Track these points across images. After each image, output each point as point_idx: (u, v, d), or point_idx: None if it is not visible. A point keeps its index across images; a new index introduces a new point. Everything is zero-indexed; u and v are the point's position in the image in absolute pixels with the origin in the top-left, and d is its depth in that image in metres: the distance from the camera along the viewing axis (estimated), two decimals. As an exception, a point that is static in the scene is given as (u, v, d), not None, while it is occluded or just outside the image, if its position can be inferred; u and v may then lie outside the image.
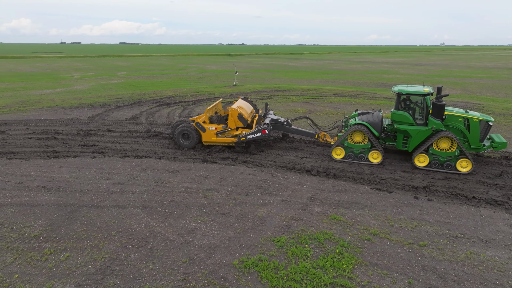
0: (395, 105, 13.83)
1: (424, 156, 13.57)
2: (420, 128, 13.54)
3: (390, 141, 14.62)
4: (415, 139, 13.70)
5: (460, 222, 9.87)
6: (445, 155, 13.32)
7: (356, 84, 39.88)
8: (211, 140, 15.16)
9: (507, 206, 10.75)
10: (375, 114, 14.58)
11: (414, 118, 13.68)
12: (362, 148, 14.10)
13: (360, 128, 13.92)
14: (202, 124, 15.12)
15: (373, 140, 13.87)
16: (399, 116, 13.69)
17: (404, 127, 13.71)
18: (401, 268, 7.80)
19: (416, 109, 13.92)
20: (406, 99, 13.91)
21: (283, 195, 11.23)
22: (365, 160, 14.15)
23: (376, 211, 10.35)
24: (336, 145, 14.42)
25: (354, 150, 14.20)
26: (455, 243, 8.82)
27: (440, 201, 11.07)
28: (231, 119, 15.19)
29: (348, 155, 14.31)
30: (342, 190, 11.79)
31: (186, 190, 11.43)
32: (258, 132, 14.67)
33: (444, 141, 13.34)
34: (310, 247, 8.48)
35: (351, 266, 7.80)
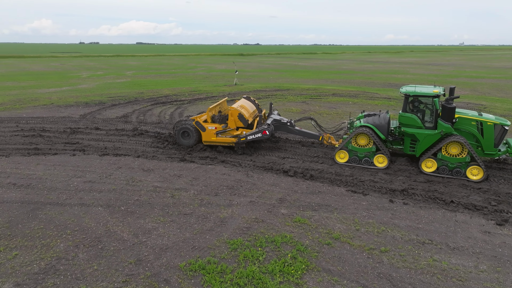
0: (402, 107, 13.05)
1: (432, 161, 12.78)
2: (429, 132, 12.73)
3: (397, 144, 13.92)
4: (423, 143, 12.91)
5: (432, 227, 9.40)
6: (454, 161, 12.45)
7: (362, 84, 39.17)
8: (210, 139, 14.77)
9: (485, 212, 10.21)
10: (382, 116, 13.81)
11: (423, 121, 12.88)
12: (367, 151, 13.37)
13: (365, 131, 13.23)
14: (202, 123, 14.74)
15: (379, 143, 13.15)
16: (407, 118, 12.93)
17: (412, 131, 12.93)
18: (354, 275, 7.43)
19: (425, 111, 13.13)
20: (414, 101, 13.10)
21: (252, 196, 10.95)
22: (370, 164, 13.41)
23: (345, 214, 9.97)
24: (340, 149, 13.76)
25: (359, 154, 13.50)
26: (420, 249, 8.38)
27: (415, 205, 10.61)
28: (231, 119, 14.76)
29: (352, 159, 13.62)
30: (315, 192, 11.43)
31: (154, 190, 11.26)
32: (258, 132, 14.20)
33: (453, 146, 12.46)
34: (264, 251, 8.18)
35: (301, 271, 7.48)
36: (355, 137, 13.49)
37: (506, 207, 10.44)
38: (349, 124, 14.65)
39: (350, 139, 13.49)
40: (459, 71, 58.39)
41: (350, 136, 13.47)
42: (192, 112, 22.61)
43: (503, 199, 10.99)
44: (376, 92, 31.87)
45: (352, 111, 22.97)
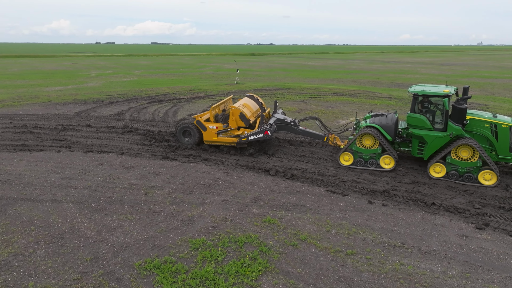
0: (411, 107, 12.41)
1: (440, 166, 12.08)
2: (437, 134, 12.04)
3: (405, 146, 13.22)
4: (431, 146, 12.22)
5: (407, 230, 9.03)
6: (464, 165, 11.72)
7: (368, 84, 38.51)
8: (211, 139, 14.47)
9: (467, 215, 9.77)
10: (389, 116, 13.15)
11: (432, 122, 12.21)
12: (373, 153, 12.82)
13: (371, 131, 12.63)
14: (203, 122, 14.43)
15: (385, 144, 12.58)
16: (415, 119, 12.26)
17: (420, 132, 12.27)
18: (313, 278, 7.14)
19: (435, 112, 12.45)
20: (424, 101, 12.41)
21: (227, 195, 10.74)
22: (376, 166, 12.86)
23: (318, 215, 9.66)
24: (344, 150, 13.18)
25: (364, 155, 12.94)
26: (389, 253, 8.03)
27: (395, 207, 10.23)
28: (232, 118, 14.27)
29: (357, 161, 13.06)
30: (293, 191, 11.15)
31: (130, 187, 11.16)
32: (260, 133, 13.77)
33: (464, 150, 11.75)
34: (225, 251, 7.96)
35: (258, 273, 7.22)
36: (360, 138, 12.93)
37: (490, 211, 9.97)
38: (355, 124, 14.08)
39: (354, 140, 12.95)
40: (472, 71, 56.99)
41: (354, 137, 12.91)
42: (187, 110, 22.53)
43: (489, 202, 10.52)
44: (378, 91, 31.28)
45: (350, 111, 22.54)
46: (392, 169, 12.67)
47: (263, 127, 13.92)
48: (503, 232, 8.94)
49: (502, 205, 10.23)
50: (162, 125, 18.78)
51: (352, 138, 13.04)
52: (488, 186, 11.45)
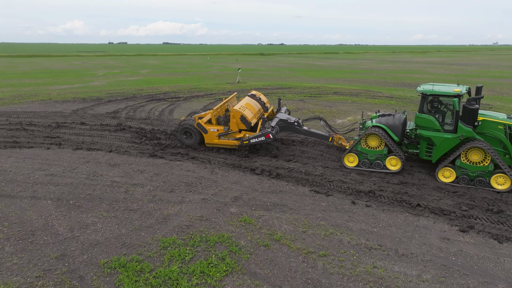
0: (419, 107, 11.78)
1: (450, 170, 11.42)
2: (447, 136, 11.38)
3: (413, 148, 12.68)
4: (440, 148, 11.55)
5: (387, 232, 8.74)
6: (475, 169, 11.06)
7: (373, 84, 37.97)
8: (213, 142, 14.17)
9: (452, 217, 9.43)
10: (396, 116, 12.61)
11: (442, 123, 11.58)
12: (378, 154, 12.29)
13: (376, 131, 12.10)
14: (204, 125, 14.08)
15: (391, 145, 12.03)
16: (423, 120, 11.63)
17: (428, 133, 11.63)
18: (279, 280, 6.93)
19: (446, 112, 11.86)
20: (434, 101, 11.77)
21: (207, 194, 10.58)
22: (382, 167, 12.33)
23: (298, 215, 9.44)
24: (349, 152, 12.66)
25: (369, 156, 12.41)
26: (363, 255, 7.77)
27: (378, 208, 9.94)
28: (233, 121, 13.80)
29: (362, 162, 12.53)
30: (277, 191, 10.94)
31: (111, 184, 11.08)
32: (261, 136, 13.31)
33: (474, 153, 11.06)
34: (194, 250, 7.80)
35: (223, 273, 7.04)
36: (365, 138, 12.42)
37: (477, 213, 9.61)
38: (362, 124, 13.50)
39: (359, 141, 12.45)
40: (483, 71, 55.82)
41: (359, 137, 12.42)
42: (184, 109, 22.45)
43: (477, 204, 10.15)
44: (380, 91, 30.79)
45: (348, 110, 22.19)
46: (398, 170, 12.15)
47: (265, 130, 13.50)
48: (487, 235, 8.59)
49: (491, 208, 9.85)
50: (156, 123, 18.73)
51: (357, 139, 12.55)
52: (501, 191, 10.81)
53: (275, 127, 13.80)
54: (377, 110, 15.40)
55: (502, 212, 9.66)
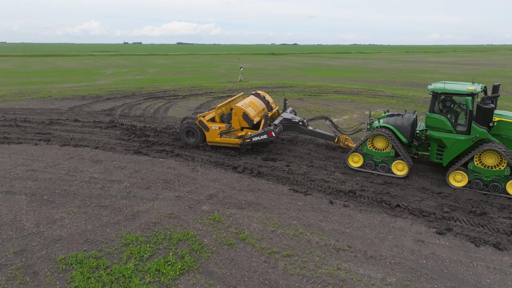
0: (429, 106, 11.08)
1: (461, 174, 10.65)
2: (459, 137, 10.64)
3: (424, 150, 11.96)
4: (452, 150, 10.84)
5: (360, 233, 8.43)
6: (489, 173, 10.24)
7: (380, 83, 37.32)
8: (214, 140, 13.81)
9: (431, 218, 9.05)
10: (406, 117, 11.90)
11: (454, 123, 10.85)
12: (385, 156, 11.65)
13: (383, 132, 11.45)
14: (206, 122, 13.75)
15: (398, 147, 11.30)
16: (434, 120, 10.91)
17: (438, 134, 10.93)
18: (235, 280, 6.71)
19: (459, 112, 11.18)
20: (446, 100, 11.09)
21: (183, 191, 10.42)
22: (387, 171, 11.70)
23: (271, 214, 9.19)
24: (353, 151, 12.14)
25: (375, 158, 11.83)
26: (329, 256, 7.49)
27: (356, 208, 9.62)
28: (235, 118, 13.43)
29: (367, 164, 11.98)
30: (255, 189, 10.71)
31: (89, 180, 11.03)
32: (263, 134, 12.94)
33: (489, 156, 10.22)
34: (156, 248, 7.64)
35: (179, 272, 6.86)
36: (371, 139, 11.81)
37: (458, 215, 9.21)
38: (369, 124, 12.83)
39: (365, 141, 11.88)
40: (497, 70, 54.36)
41: (365, 138, 11.88)
42: (180, 107, 22.38)
43: (461, 205, 9.73)
44: (382, 90, 30.21)
45: (346, 109, 21.77)
46: (405, 176, 11.44)
47: (267, 128, 13.11)
48: (464, 238, 8.21)
49: (474, 209, 9.43)
50: (149, 120, 18.70)
51: (363, 139, 12.02)
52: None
53: (278, 125, 13.38)
54: (386, 109, 14.46)
55: (485, 214, 9.23)
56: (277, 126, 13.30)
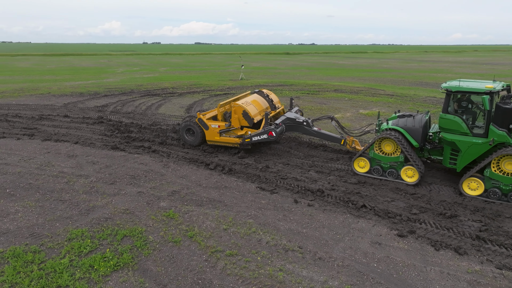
0: (443, 106, 10.02)
1: (477, 181, 9.61)
2: (475, 140, 9.57)
3: (437, 154, 10.93)
4: (466, 155, 9.76)
5: (317, 233, 8.06)
6: (509, 181, 9.23)
7: (388, 82, 36.43)
8: (214, 139, 13.23)
9: (396, 220, 8.60)
10: (417, 118, 10.84)
11: (470, 125, 9.81)
12: (393, 161, 10.69)
13: (391, 135, 10.48)
14: (205, 120, 13.19)
15: (408, 152, 10.31)
16: (447, 121, 9.86)
17: (451, 137, 9.89)
18: (168, 279, 6.46)
19: (477, 113, 10.18)
20: (461, 99, 10.11)
21: (146, 187, 10.24)
22: (396, 177, 10.76)
23: (228, 212, 8.91)
24: (359, 155, 11.28)
25: (383, 163, 10.90)
26: (275, 257, 7.15)
27: (320, 208, 9.24)
28: (235, 117, 12.90)
29: (374, 169, 11.05)
30: (221, 186, 10.44)
31: (57, 175, 10.98)
32: (264, 133, 12.27)
33: (509, 162, 9.20)
34: (98, 244, 7.46)
35: (112, 269, 6.66)
36: (378, 142, 10.89)
37: (426, 217, 8.71)
38: (378, 126, 11.88)
39: (372, 145, 11.00)
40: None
41: (372, 141, 10.99)
42: (174, 104, 22.31)
43: (432, 207, 9.21)
44: (383, 89, 29.42)
45: (341, 107, 21.23)
46: (415, 183, 10.45)
47: (268, 127, 12.41)
48: (425, 241, 7.73)
49: (445, 212, 8.90)
50: (138, 117, 18.67)
51: (370, 142, 11.14)
52: None
53: (280, 125, 12.67)
54: (397, 110, 13.09)
55: (455, 217, 8.70)
56: (279, 125, 12.62)
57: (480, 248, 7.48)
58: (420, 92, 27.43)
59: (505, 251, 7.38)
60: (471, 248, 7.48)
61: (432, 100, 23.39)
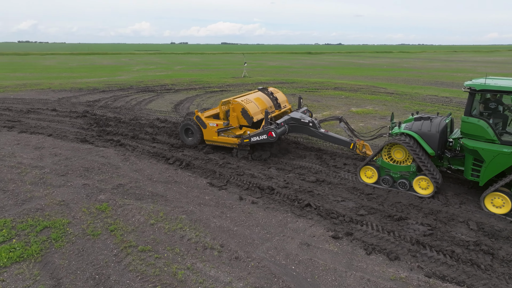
0: (465, 108, 8.52)
1: (503, 198, 8.13)
2: (502, 149, 8.01)
3: (458, 164, 9.39)
4: (492, 166, 8.22)
5: (247, 232, 7.62)
6: None
7: (401, 81, 35.07)
8: (212, 139, 12.38)
9: (337, 221, 8.03)
10: (435, 121, 9.31)
11: (498, 131, 8.30)
12: (404, 170, 9.32)
13: (402, 141, 9.02)
14: (204, 118, 12.39)
15: (421, 160, 8.86)
16: (470, 126, 8.36)
17: (474, 145, 8.35)
18: (66, 272, 6.22)
19: (507, 117, 8.66)
20: (489, 100, 8.58)
21: (94, 179, 10.07)
22: (408, 188, 9.36)
23: (165, 207, 8.59)
24: (365, 164, 9.96)
25: (392, 173, 9.55)
26: (191, 254, 6.77)
27: (264, 206, 8.77)
28: (233, 115, 11.94)
29: (383, 179, 9.70)
30: (171, 181, 10.14)
31: (15, 166, 11.00)
32: (263, 134, 11.19)
33: None
34: (15, 234, 7.31)
35: (14, 260, 6.47)
36: (387, 149, 9.54)
37: (373, 219, 8.08)
38: (391, 129, 10.44)
39: (380, 152, 9.68)
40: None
41: (380, 147, 9.66)
42: (166, 100, 22.24)
43: (383, 209, 8.56)
44: (386, 87, 28.28)
45: (335, 105, 20.49)
46: (430, 195, 8.99)
47: (267, 127, 11.30)
48: (359, 245, 7.13)
49: (394, 214, 8.23)
50: (124, 112, 18.68)
51: (378, 149, 9.83)
52: None
53: (281, 125, 11.64)
54: (415, 111, 11.34)
55: (404, 220, 8.01)
56: (279, 125, 11.53)
57: (416, 254, 6.81)
58: (432, 92, 26.16)
59: (442, 257, 6.68)
60: (407, 254, 6.83)
61: (431, 99, 22.22)
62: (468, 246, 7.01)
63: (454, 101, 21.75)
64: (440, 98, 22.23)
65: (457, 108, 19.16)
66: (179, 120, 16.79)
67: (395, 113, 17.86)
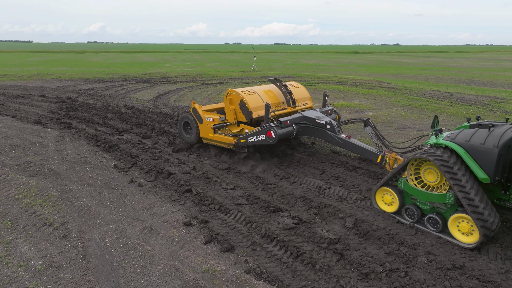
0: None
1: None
2: None
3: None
4: None
5: (104, 213, 7.22)
6: None
7: (429, 79, 32.44)
8: (207, 136, 10.39)
9: (205, 209, 7.33)
10: (497, 131, 5.90)
11: None
12: (438, 200, 6.21)
13: (433, 155, 6.01)
14: (201, 112, 10.44)
15: (463, 188, 5.69)
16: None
17: None
18: None
19: None
20: None
21: (10, 156, 10.17)
22: (441, 229, 6.21)
23: (48, 184, 8.39)
24: (382, 185, 7.02)
25: (419, 202, 6.53)
26: (16, 228, 6.50)
27: (148, 189, 8.34)
28: (231, 108, 9.88)
29: (407, 210, 6.67)
30: (81, 161, 9.98)
31: (-47, 140, 11.45)
32: (261, 133, 8.98)
33: None
34: None
35: None
36: (413, 167, 6.52)
37: (245, 209, 7.28)
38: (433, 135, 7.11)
39: (403, 170, 6.67)
40: None
41: (403, 163, 6.60)
42: (157, 90, 22.33)
43: (268, 199, 7.68)
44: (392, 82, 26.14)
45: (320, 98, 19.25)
46: (475, 246, 5.72)
47: (267, 125, 8.97)
48: (204, 234, 6.42)
49: (274, 206, 7.34)
50: (105, 99, 18.99)
51: (400, 164, 6.69)
52: None
53: (287, 123, 9.22)
54: (476, 116, 7.39)
55: (277, 212, 7.12)
56: (285, 124, 9.19)
57: (257, 248, 5.98)
58: (449, 89, 23.82)
59: (282, 254, 5.76)
60: (247, 246, 6.02)
61: (430, 94, 20.11)
62: (322, 244, 5.99)
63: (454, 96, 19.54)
64: (441, 94, 20.09)
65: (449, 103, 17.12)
66: (146, 106, 16.68)
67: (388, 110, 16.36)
